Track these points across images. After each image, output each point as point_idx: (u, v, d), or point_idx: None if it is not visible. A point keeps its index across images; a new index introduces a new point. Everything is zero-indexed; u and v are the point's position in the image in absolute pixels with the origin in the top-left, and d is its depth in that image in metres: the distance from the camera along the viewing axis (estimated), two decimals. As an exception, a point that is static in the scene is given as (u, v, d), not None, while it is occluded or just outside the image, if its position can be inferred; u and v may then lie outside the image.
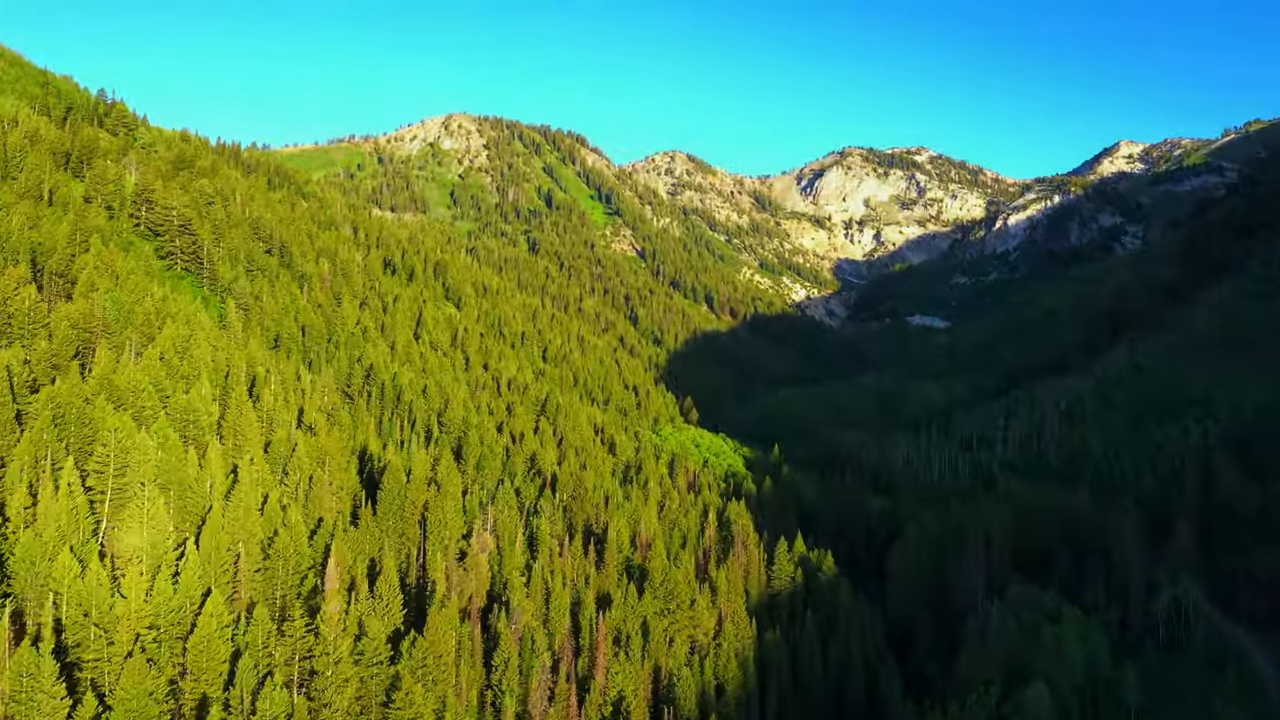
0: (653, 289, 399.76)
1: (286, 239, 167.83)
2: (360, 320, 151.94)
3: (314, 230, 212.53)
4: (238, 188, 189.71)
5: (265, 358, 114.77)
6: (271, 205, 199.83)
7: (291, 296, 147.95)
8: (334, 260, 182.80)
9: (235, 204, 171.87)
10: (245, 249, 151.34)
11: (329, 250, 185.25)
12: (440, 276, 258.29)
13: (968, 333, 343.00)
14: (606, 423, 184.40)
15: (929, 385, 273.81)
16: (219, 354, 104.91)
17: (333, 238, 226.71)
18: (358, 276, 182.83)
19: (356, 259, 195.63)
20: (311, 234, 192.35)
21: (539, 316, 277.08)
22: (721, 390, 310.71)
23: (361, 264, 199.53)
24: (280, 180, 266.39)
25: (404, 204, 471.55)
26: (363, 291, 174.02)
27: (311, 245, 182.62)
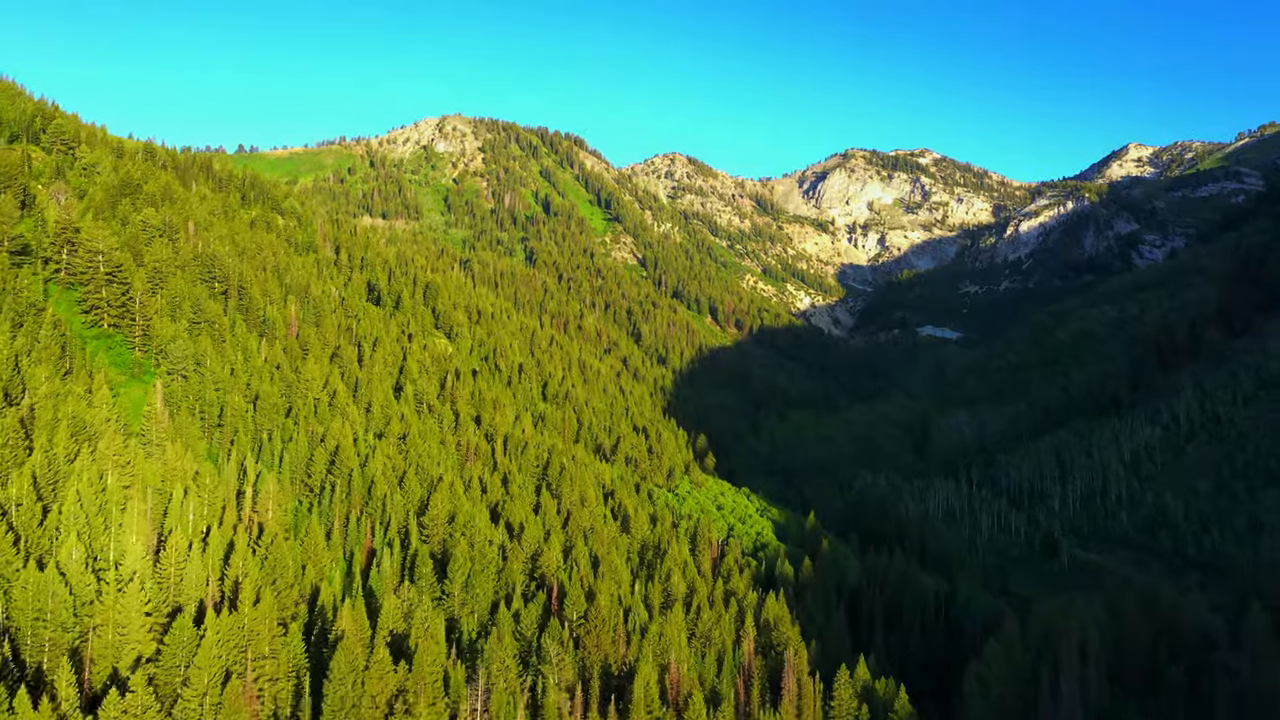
0: (655, 301, 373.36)
1: (246, 278, 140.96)
2: (328, 382, 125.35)
3: (287, 257, 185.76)
4: (195, 213, 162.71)
5: (189, 464, 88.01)
6: (237, 231, 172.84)
7: (245, 355, 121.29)
8: (305, 297, 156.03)
9: (187, 236, 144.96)
10: (191, 296, 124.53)
11: (300, 285, 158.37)
12: (430, 301, 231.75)
13: (991, 352, 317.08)
14: (616, 481, 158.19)
15: (958, 415, 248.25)
16: (123, 469, 78.35)
17: (308, 265, 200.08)
18: (331, 317, 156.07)
19: (331, 292, 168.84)
20: (281, 266, 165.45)
21: (537, 340, 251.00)
22: (733, 417, 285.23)
23: (339, 297, 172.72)
24: (256, 195, 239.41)
25: (396, 210, 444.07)
26: (336, 337, 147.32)
27: (279, 281, 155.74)
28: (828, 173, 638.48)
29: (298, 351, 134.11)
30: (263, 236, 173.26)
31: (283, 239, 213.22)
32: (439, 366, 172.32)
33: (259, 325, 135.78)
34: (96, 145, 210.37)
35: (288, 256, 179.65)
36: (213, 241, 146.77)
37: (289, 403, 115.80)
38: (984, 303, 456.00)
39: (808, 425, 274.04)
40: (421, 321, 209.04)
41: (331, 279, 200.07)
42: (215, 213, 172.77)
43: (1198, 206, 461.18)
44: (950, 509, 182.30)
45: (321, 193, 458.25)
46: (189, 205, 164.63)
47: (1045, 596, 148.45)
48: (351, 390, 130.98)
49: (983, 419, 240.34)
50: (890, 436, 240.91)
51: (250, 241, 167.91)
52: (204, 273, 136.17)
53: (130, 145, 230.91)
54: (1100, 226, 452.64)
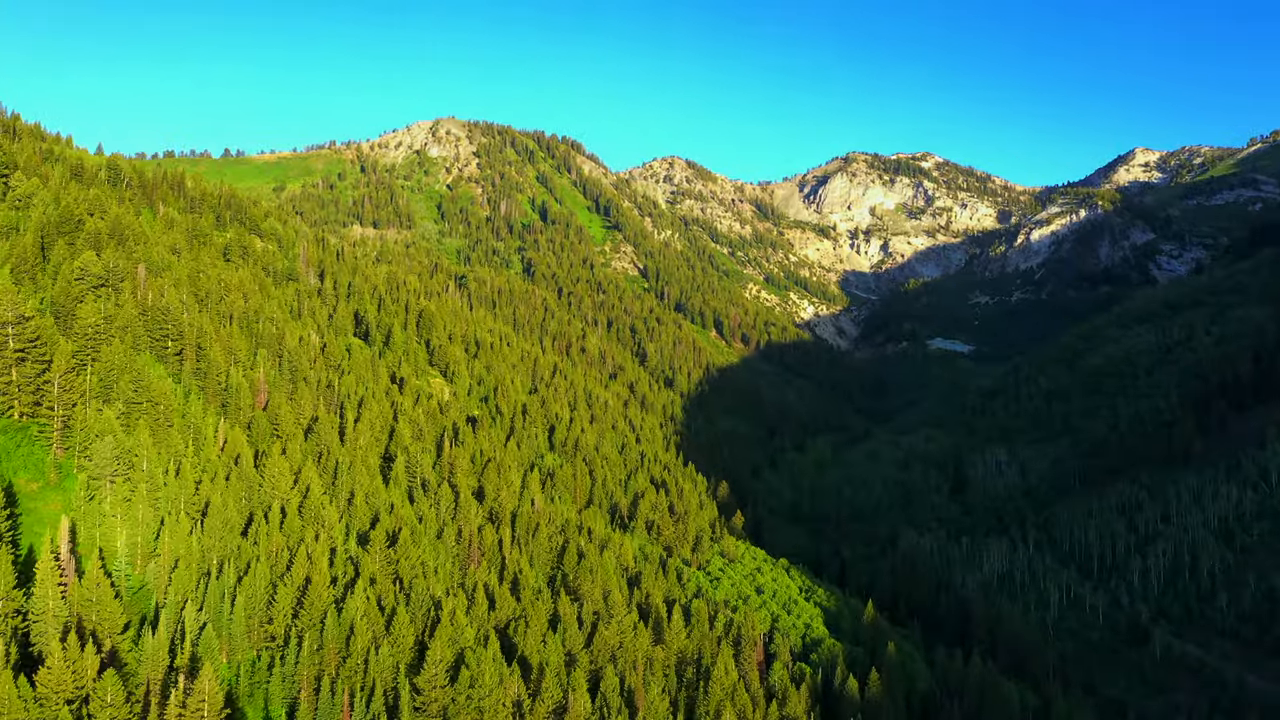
0: (660, 317, 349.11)
1: (206, 334, 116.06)
2: (300, 476, 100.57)
3: (261, 298, 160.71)
4: (151, 250, 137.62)
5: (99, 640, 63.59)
6: (204, 266, 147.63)
7: (197, 443, 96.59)
8: (279, 350, 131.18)
9: (136, 285, 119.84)
10: (132, 368, 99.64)
11: (273, 337, 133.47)
12: (424, 332, 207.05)
13: (1017, 375, 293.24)
14: (639, 559, 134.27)
15: (994, 451, 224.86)
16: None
17: (287, 299, 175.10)
18: (311, 372, 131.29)
19: (311, 339, 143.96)
20: (253, 311, 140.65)
21: (540, 370, 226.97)
22: (747, 447, 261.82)
23: (319, 344, 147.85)
24: (233, 215, 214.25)
25: (388, 219, 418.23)
26: (314, 401, 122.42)
27: (249, 333, 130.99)
28: (828, 177, 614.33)
29: (265, 430, 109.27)
30: (232, 275, 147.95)
31: (260, 267, 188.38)
32: (434, 423, 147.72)
33: (219, 394, 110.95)
34: (52, 162, 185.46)
35: (262, 297, 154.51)
36: (168, 289, 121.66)
37: (249, 509, 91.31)
38: (995, 314, 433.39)
39: (829, 459, 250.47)
40: (414, 360, 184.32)
41: (314, 314, 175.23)
42: (177, 248, 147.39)
43: (1214, 215, 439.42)
44: (1009, 576, 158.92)
45: (310, 200, 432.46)
46: (144, 240, 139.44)
47: (1141, 698, 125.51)
48: (330, 479, 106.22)
49: (1023, 458, 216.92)
50: (923, 477, 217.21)
51: (217, 280, 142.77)
52: (153, 331, 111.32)
53: (92, 161, 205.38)
54: (1115, 236, 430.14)
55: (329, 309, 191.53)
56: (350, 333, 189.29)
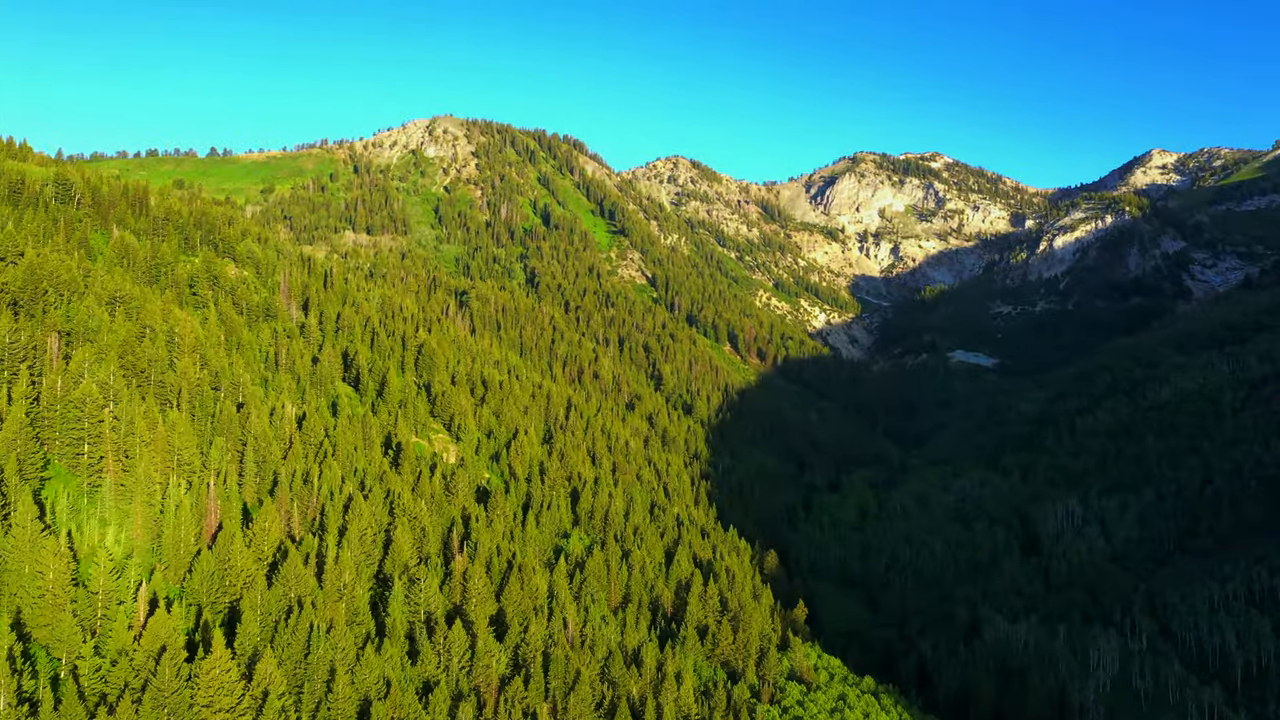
0: (674, 333, 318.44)
1: (136, 435, 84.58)
2: (255, 670, 69.45)
3: (228, 346, 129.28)
4: (80, 310, 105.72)
5: None
6: (153, 319, 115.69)
7: (89, 636, 65.31)
8: (242, 438, 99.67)
9: (50, 361, 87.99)
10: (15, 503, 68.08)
11: (233, 422, 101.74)
12: (424, 371, 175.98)
13: (1065, 401, 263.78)
14: (699, 700, 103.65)
15: (1064, 500, 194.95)
16: None
17: (262, 344, 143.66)
18: (283, 466, 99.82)
19: (288, 413, 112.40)
20: (214, 376, 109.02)
21: (553, 407, 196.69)
22: (778, 489, 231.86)
23: (296, 417, 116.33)
24: (204, 235, 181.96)
25: (382, 224, 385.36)
26: (283, 518, 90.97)
27: (201, 421, 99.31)
28: (836, 177, 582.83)
29: (209, 586, 77.72)
30: (186, 329, 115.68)
31: (231, 302, 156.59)
32: (440, 513, 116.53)
33: (149, 529, 79.38)
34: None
35: (226, 351, 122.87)
36: (89, 365, 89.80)
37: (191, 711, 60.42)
38: (1019, 325, 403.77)
39: (871, 503, 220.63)
40: (413, 414, 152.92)
41: (295, 363, 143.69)
42: (118, 297, 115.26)
43: (1246, 222, 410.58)
44: (1125, 682, 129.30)
45: (300, 203, 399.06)
46: (75, 291, 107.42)
47: None
48: (302, 653, 74.77)
49: (1100, 512, 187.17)
50: (987, 534, 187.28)
51: (168, 337, 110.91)
52: (60, 437, 79.70)
53: (37, 175, 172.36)
54: (1145, 244, 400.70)
55: (313, 349, 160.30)
56: (338, 378, 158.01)
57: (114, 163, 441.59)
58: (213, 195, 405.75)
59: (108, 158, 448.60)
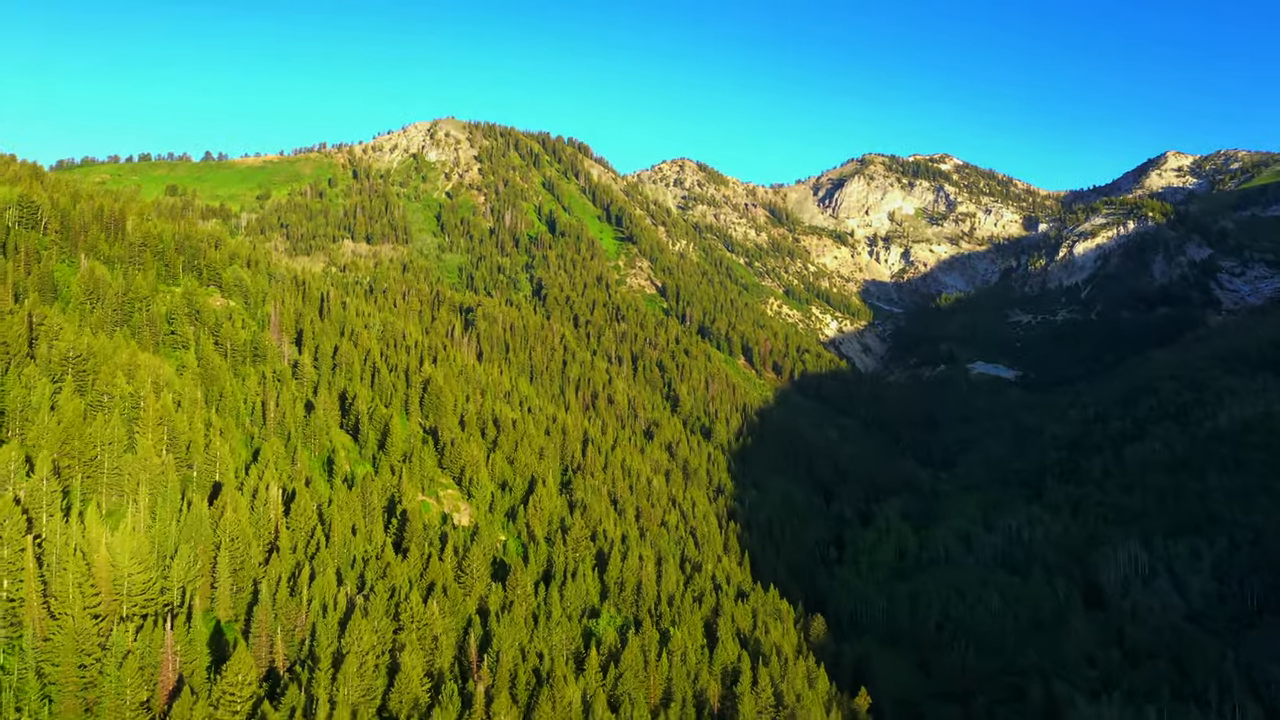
0: (688, 349, 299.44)
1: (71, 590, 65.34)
2: None
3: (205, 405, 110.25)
4: (16, 384, 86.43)
5: None
6: (111, 382, 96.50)
7: None
8: (215, 542, 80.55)
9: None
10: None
11: (202, 526, 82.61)
12: (430, 412, 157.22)
13: (1104, 424, 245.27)
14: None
15: (1125, 544, 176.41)
16: None
17: (249, 399, 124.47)
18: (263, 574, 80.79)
19: (272, 495, 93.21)
20: (183, 457, 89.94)
21: (569, 444, 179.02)
22: (807, 524, 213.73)
23: (284, 497, 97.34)
24: (187, 260, 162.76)
25: (382, 232, 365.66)
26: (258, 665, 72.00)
27: (174, 509, 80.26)
28: (844, 180, 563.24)
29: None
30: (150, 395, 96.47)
31: (214, 341, 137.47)
32: (455, 610, 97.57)
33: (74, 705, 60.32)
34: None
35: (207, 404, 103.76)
36: (14, 469, 70.43)
37: None
38: (1040, 335, 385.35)
39: (910, 541, 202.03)
40: (419, 468, 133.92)
41: (284, 417, 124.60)
42: (72, 356, 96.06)
43: (1272, 228, 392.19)
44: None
45: (297, 210, 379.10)
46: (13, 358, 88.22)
47: None
48: None
49: (1169, 560, 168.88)
50: (1046, 585, 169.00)
51: (121, 416, 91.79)
52: None
53: None
54: (1170, 251, 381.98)
55: (307, 392, 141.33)
56: (335, 425, 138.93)
57: (105, 167, 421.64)
58: (206, 202, 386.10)
59: (99, 162, 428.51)
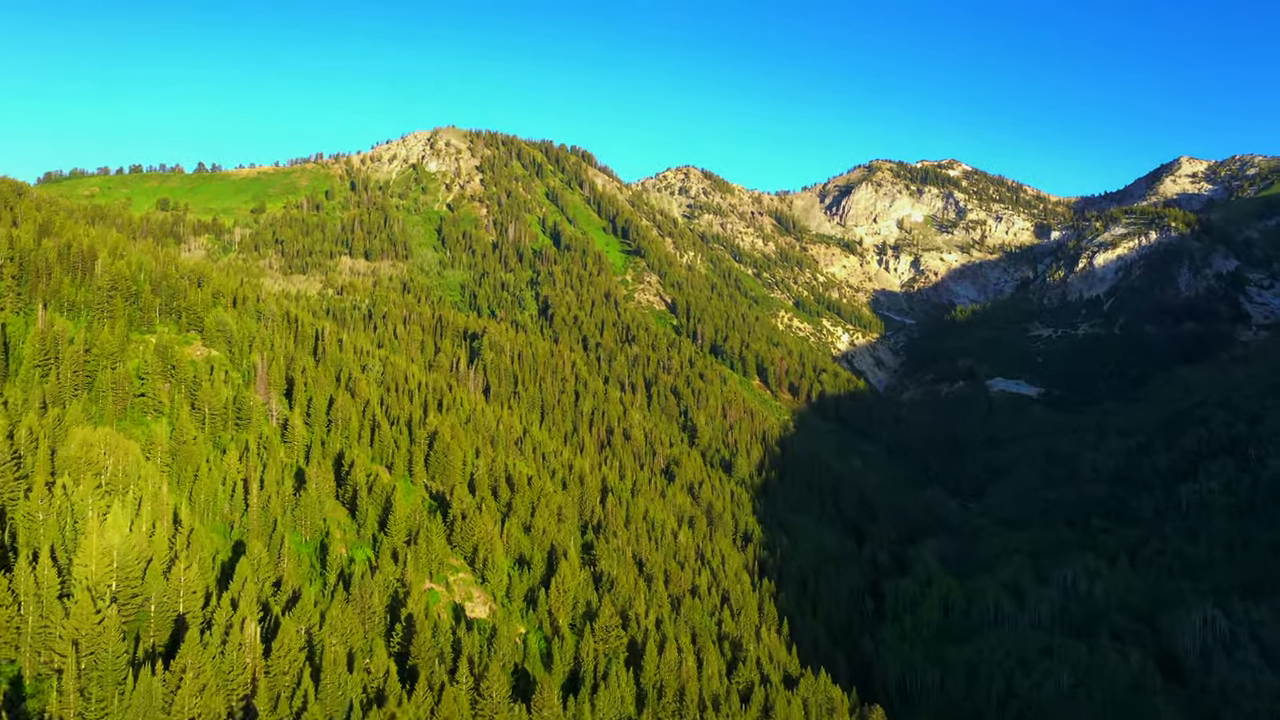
0: (702, 371, 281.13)
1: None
2: None
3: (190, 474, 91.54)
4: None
5: None
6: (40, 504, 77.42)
7: None
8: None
9: None
10: None
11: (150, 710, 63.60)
12: (436, 473, 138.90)
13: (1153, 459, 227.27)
14: None
15: (1199, 605, 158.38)
16: None
17: (229, 478, 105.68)
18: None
19: (249, 634, 74.34)
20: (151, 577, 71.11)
21: (586, 497, 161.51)
22: (841, 571, 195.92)
23: (260, 632, 78.63)
24: (168, 302, 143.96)
25: (381, 247, 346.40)
26: None
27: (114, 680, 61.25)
28: (852, 187, 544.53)
29: None
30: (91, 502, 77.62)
31: (191, 404, 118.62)
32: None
33: None
34: None
35: (177, 490, 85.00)
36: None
37: None
38: (1061, 350, 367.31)
39: (956, 593, 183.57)
40: (428, 550, 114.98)
41: (270, 502, 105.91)
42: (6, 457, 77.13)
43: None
44: None
45: (293, 224, 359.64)
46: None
47: None
48: None
49: (1251, 625, 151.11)
50: (1118, 655, 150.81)
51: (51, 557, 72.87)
52: None
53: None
54: (1196, 263, 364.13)
55: (297, 459, 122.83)
56: (330, 497, 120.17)
57: (94, 180, 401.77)
58: (199, 216, 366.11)
59: (89, 174, 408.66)
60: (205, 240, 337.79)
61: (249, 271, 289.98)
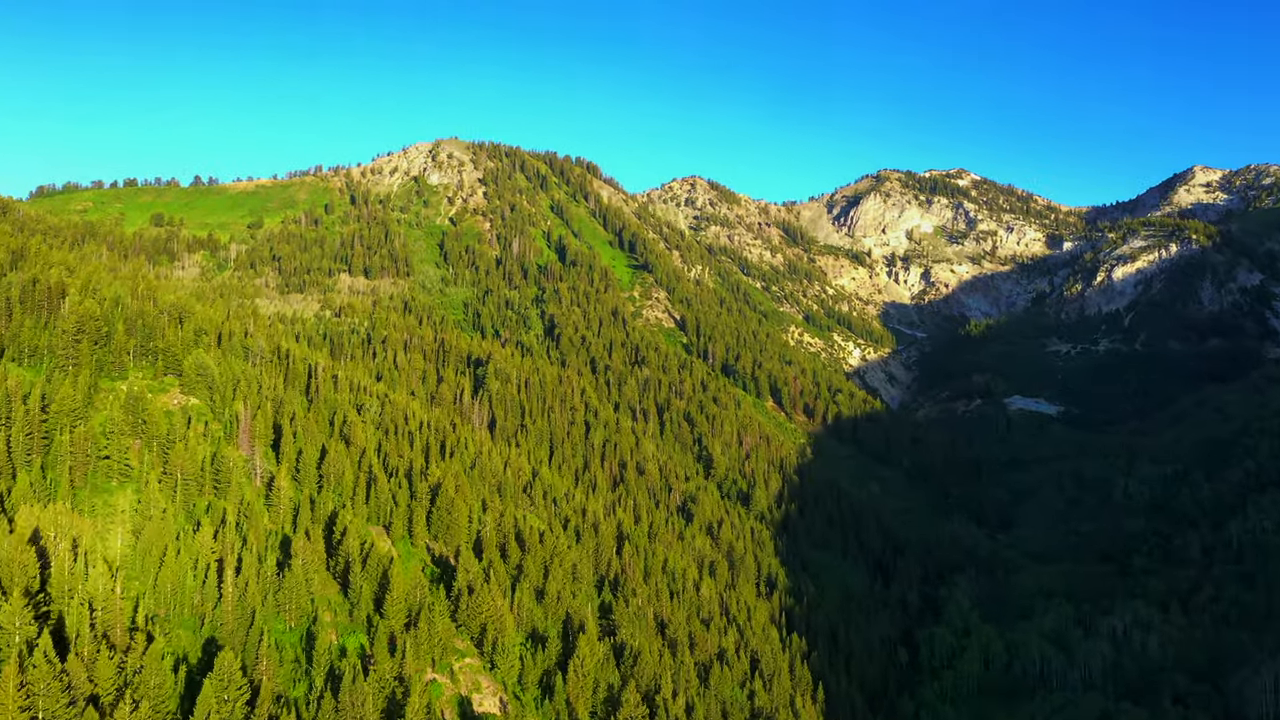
0: (716, 395, 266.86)
1: None
2: None
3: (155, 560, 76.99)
4: None
5: None
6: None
7: None
8: None
9: None
10: None
11: None
12: (440, 536, 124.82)
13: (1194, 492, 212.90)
14: None
15: (1268, 661, 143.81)
16: None
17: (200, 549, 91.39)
18: None
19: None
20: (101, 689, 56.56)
21: (603, 548, 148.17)
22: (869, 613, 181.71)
23: None
24: (144, 343, 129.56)
25: (381, 264, 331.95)
26: None
27: None
28: (860, 197, 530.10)
29: None
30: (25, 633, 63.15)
31: (163, 468, 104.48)
32: None
33: None
34: None
35: (142, 577, 70.57)
36: None
37: None
38: (1081, 367, 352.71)
39: (996, 650, 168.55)
40: (429, 636, 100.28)
41: (246, 593, 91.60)
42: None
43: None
44: None
45: (291, 240, 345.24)
46: None
47: None
48: None
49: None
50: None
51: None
52: None
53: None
54: (1219, 277, 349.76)
55: (283, 523, 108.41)
56: (320, 570, 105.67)
57: (87, 194, 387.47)
58: (194, 231, 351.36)
59: (82, 188, 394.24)
60: (200, 258, 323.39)
61: (243, 292, 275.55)
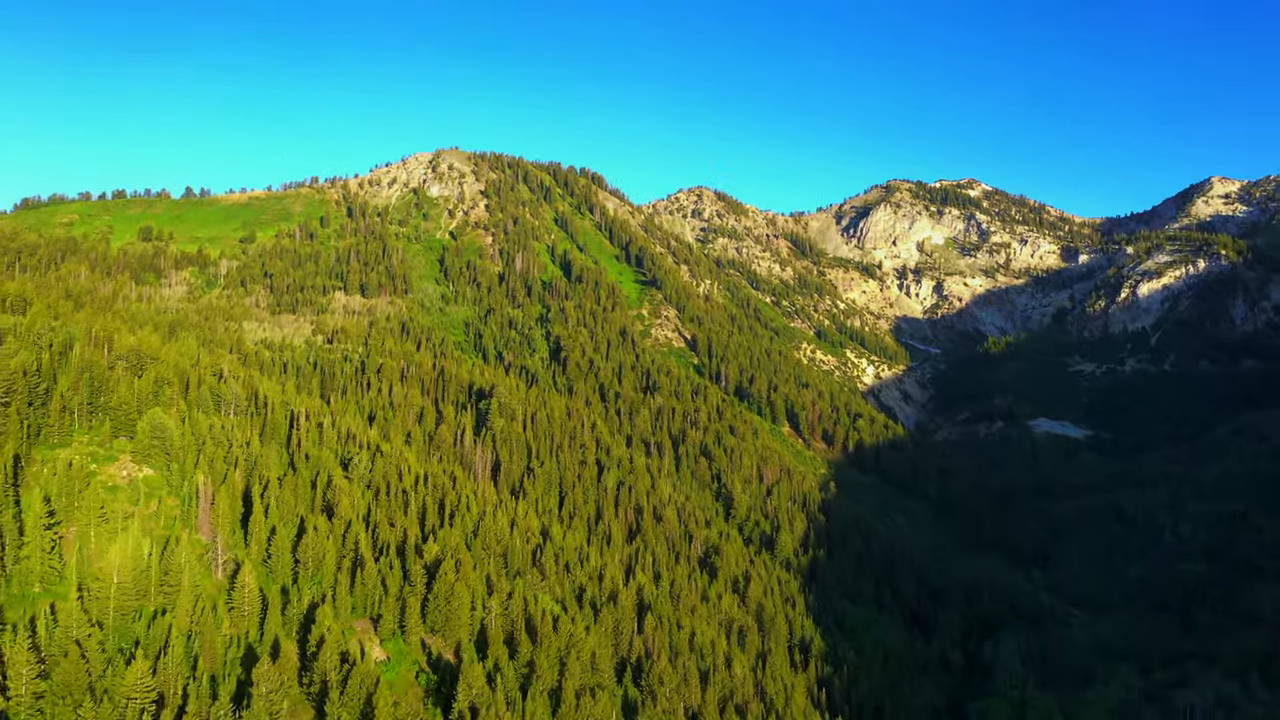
0: (732, 425, 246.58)
1: None
2: None
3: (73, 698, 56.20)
4: None
5: None
6: None
7: None
8: None
9: None
10: None
11: None
12: (440, 630, 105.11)
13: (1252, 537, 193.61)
14: None
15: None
16: None
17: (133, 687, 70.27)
18: None
19: None
20: None
21: (622, 623, 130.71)
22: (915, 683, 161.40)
23: None
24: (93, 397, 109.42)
25: (378, 281, 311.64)
26: None
27: None
28: (870, 208, 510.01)
29: None
30: None
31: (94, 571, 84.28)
32: None
33: None
34: None
35: None
36: None
37: None
38: (1106, 388, 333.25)
39: None
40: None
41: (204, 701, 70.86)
42: None
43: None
44: None
45: (285, 255, 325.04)
46: None
47: None
48: None
49: None
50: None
51: None
52: None
53: None
54: (1251, 294, 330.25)
55: (247, 627, 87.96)
56: (293, 684, 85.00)
57: (74, 206, 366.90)
58: (183, 246, 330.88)
59: (69, 200, 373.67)
60: (188, 274, 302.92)
61: (231, 314, 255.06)
